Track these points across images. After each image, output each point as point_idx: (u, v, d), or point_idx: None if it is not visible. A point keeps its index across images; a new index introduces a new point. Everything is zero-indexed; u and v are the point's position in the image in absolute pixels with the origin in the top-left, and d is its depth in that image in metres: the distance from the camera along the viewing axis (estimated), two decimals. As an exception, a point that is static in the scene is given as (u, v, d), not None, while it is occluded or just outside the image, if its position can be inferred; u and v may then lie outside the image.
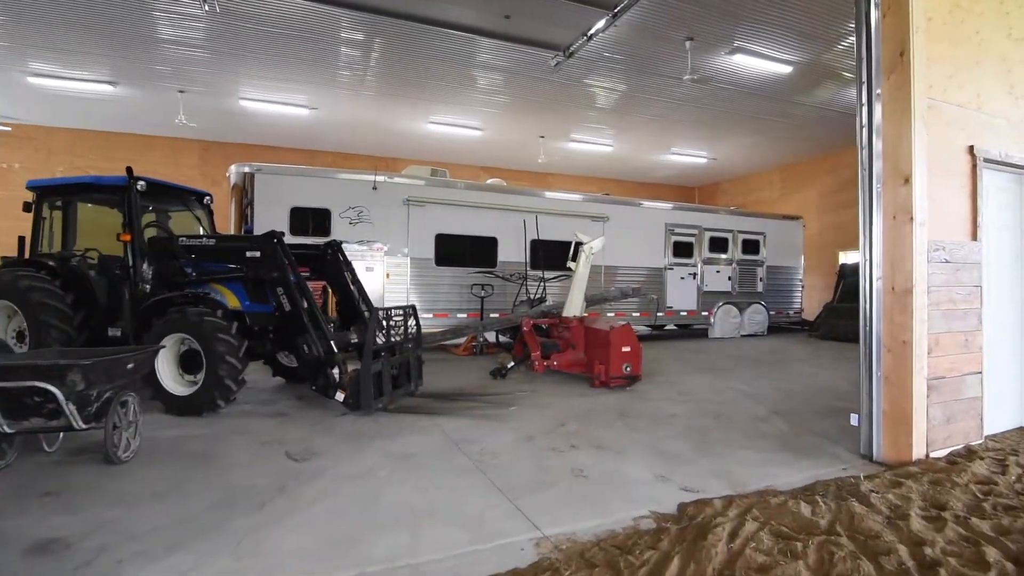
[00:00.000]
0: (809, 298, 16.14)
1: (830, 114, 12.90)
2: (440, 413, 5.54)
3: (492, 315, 10.72)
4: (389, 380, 5.74)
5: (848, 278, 13.90)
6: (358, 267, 9.95)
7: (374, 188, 10.06)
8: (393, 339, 6.08)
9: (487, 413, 5.51)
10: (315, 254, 6.91)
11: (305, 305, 5.62)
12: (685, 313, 13.22)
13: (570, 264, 7.87)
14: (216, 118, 13.29)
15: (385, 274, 10.15)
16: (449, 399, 6.22)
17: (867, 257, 4.16)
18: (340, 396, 5.47)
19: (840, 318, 13.10)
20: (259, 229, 9.51)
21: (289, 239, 9.82)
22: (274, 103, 12.11)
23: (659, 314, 12.67)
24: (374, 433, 4.83)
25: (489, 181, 12.36)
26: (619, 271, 12.30)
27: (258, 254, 5.80)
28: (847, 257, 16.24)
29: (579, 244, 7.75)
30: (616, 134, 14.90)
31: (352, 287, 6.82)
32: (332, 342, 5.58)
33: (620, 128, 14.36)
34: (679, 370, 8.39)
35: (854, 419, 4.34)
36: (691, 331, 14.38)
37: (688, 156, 17.09)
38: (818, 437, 4.76)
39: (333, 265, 6.84)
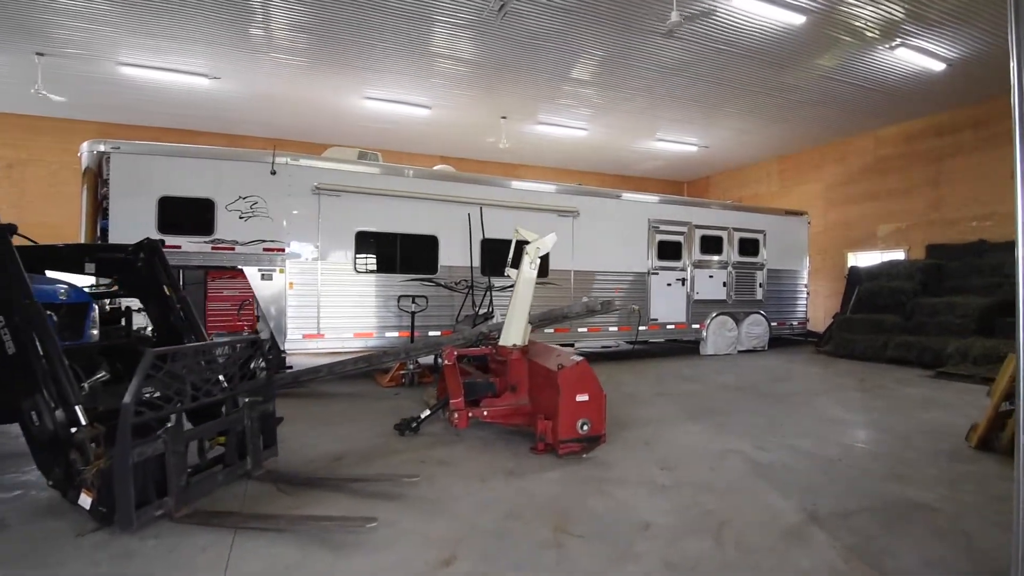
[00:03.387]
0: (813, 305, 14.09)
1: (841, 88, 10.83)
2: (257, 527, 3.31)
3: (432, 333, 8.54)
4: (183, 467, 3.50)
5: (863, 284, 11.84)
6: (251, 273, 7.85)
7: (272, 173, 7.81)
8: (213, 391, 3.86)
9: (333, 529, 3.27)
10: (120, 259, 4.67)
11: (41, 348, 3.39)
12: (672, 326, 11.08)
13: (508, 271, 5.66)
14: (99, 91, 10.94)
15: (288, 283, 7.89)
16: (304, 485, 4.00)
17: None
18: (85, 501, 3.24)
19: (854, 332, 11.06)
20: (117, 226, 7.28)
21: (159, 236, 7.78)
22: (162, 69, 9.79)
23: (641, 328, 10.52)
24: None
25: (436, 167, 10.14)
26: (594, 277, 10.15)
27: (-37, 262, 3.53)
28: (857, 259, 14.19)
29: (522, 243, 5.55)
30: (592, 115, 12.74)
31: (177, 307, 4.58)
32: (79, 408, 3.35)
33: (596, 107, 12.21)
34: (661, 414, 6.22)
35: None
36: (680, 344, 12.21)
37: (676, 143, 14.98)
38: (909, 599, 2.59)
39: (147, 274, 4.60)
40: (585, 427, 4.55)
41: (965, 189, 12.12)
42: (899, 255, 13.24)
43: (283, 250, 7.86)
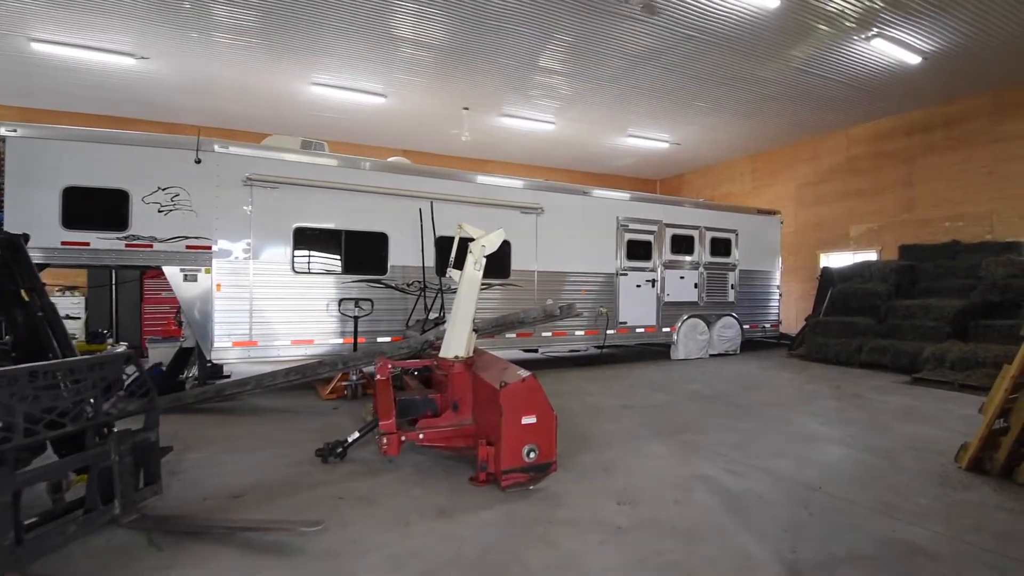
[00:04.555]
0: (786, 307, 13.78)
1: (813, 82, 10.47)
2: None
3: (382, 339, 7.83)
4: (9, 521, 2.75)
5: (836, 285, 11.51)
6: (172, 273, 7.01)
7: (197, 161, 6.97)
8: (63, 422, 3.10)
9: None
10: (-30, 257, 3.85)
11: None
12: (642, 329, 10.54)
13: (451, 272, 4.98)
14: (14, 71, 9.89)
15: (215, 284, 7.07)
16: (185, 534, 3.26)
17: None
18: None
19: (829, 336, 10.69)
20: (14, 220, 6.36)
21: (64, 235, 6.89)
22: (80, 47, 8.81)
23: (610, 331, 9.96)
24: None
25: (389, 160, 9.39)
26: (559, 278, 9.53)
27: None
28: (830, 259, 13.93)
29: (466, 241, 4.88)
30: (560, 107, 12.15)
31: (39, 316, 3.79)
32: None
33: (564, 99, 11.61)
34: (626, 431, 5.63)
35: None
36: (650, 348, 11.71)
37: (647, 139, 14.51)
38: None
39: (3, 276, 3.79)
40: (532, 454, 3.90)
41: (937, 189, 11.91)
42: (872, 256, 13.00)
43: (209, 248, 7.03)
